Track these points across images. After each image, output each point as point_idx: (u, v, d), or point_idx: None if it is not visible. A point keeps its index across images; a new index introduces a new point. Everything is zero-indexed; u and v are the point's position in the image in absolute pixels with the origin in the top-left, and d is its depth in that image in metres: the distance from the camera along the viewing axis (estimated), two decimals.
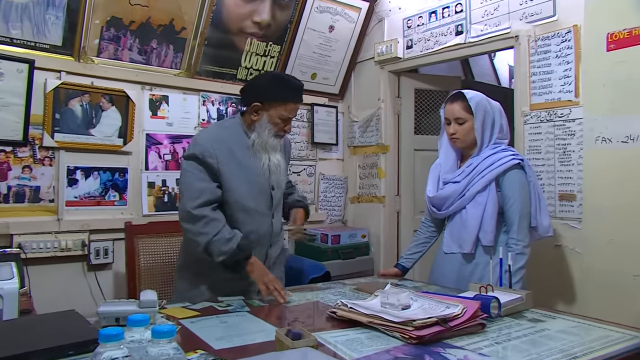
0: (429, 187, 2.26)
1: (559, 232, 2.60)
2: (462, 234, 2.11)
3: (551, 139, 2.66)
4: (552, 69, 2.65)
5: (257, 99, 1.94)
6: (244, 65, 3.35)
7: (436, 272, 2.24)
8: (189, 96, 3.18)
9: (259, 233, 2.01)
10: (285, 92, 1.94)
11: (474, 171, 2.10)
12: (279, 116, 1.94)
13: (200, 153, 1.90)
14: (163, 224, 2.64)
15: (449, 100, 2.16)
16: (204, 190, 1.88)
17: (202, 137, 1.96)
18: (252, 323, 1.58)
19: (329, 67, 3.76)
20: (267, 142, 1.96)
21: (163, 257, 2.53)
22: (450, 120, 2.14)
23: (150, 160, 3.02)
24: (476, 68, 4.62)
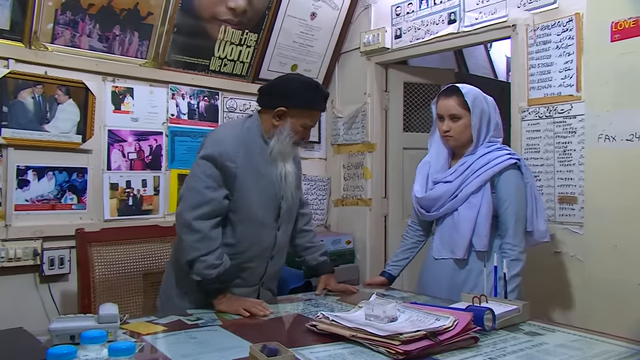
0: (416, 186, 2.26)
1: (558, 238, 2.62)
2: (454, 238, 2.11)
3: (550, 137, 2.68)
4: (552, 61, 2.67)
5: (284, 103, 1.95)
6: (218, 55, 3.32)
7: (425, 280, 2.25)
8: (157, 89, 3.16)
9: (262, 246, 2.03)
10: (315, 100, 1.99)
11: (468, 170, 2.10)
12: (302, 124, 1.98)
13: (220, 154, 1.89)
14: (122, 230, 2.61)
15: (443, 94, 2.16)
16: (211, 200, 1.88)
17: (224, 136, 1.95)
18: (224, 338, 1.56)
19: (311, 58, 3.75)
20: (286, 149, 1.99)
21: (123, 267, 2.50)
22: (443, 117, 2.14)
23: (112, 160, 2.99)
24: (471, 60, 4.65)
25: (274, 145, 1.98)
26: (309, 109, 1.98)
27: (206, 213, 1.87)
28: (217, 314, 1.83)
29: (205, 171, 1.89)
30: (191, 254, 1.86)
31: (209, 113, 3.39)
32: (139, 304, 2.55)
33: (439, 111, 2.15)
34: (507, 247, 2.06)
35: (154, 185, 3.13)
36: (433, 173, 2.21)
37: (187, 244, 1.87)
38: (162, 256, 2.61)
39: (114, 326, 1.47)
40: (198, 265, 1.86)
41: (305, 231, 2.28)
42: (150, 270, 2.58)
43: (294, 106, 1.95)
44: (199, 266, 1.86)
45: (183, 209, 1.89)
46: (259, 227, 2.00)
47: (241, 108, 3.54)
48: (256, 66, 3.53)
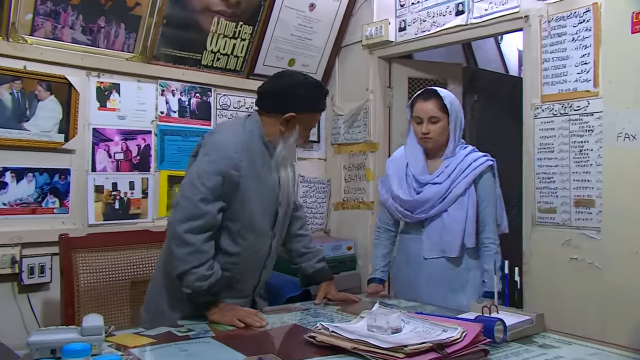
0: (396, 189, 2.37)
1: (574, 244, 2.62)
2: (446, 238, 2.27)
3: (566, 136, 2.68)
4: (568, 55, 2.67)
5: (294, 109, 1.96)
6: (210, 48, 3.32)
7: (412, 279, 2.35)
8: (145, 84, 3.15)
9: (259, 255, 2.05)
10: (321, 101, 2.05)
11: (455, 172, 2.28)
12: (308, 126, 2.04)
13: (223, 161, 1.88)
14: (109, 235, 2.59)
15: (420, 98, 2.32)
16: (205, 214, 1.86)
17: (227, 140, 1.93)
18: (217, 351, 1.56)
19: (310, 52, 3.75)
20: (293, 154, 2.06)
21: (109, 275, 2.48)
22: (422, 119, 2.30)
23: (98, 160, 2.98)
24: (480, 53, 4.65)
25: (281, 151, 2.00)
26: (316, 111, 2.05)
27: (198, 227, 1.85)
28: (209, 325, 1.82)
29: (205, 182, 1.85)
30: (181, 267, 1.85)
31: (201, 110, 3.39)
32: (126, 314, 2.53)
33: (418, 114, 2.32)
34: (488, 241, 2.30)
35: (142, 187, 3.13)
36: (417, 175, 2.34)
37: (177, 256, 1.86)
38: (151, 263, 2.59)
39: (99, 339, 1.46)
40: (189, 277, 1.85)
41: (300, 235, 2.28)
42: (139, 278, 2.56)
43: (303, 111, 1.98)
44: (189, 278, 1.85)
45: (175, 219, 1.87)
46: (257, 236, 2.01)
47: (235, 105, 3.54)
48: (251, 61, 3.53)
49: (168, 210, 3.22)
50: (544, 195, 2.76)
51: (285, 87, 2.00)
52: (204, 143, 1.96)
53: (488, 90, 3.98)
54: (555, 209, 2.71)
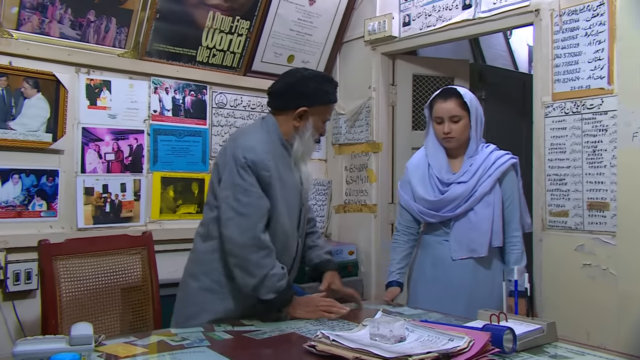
0: (420, 191, 2.44)
1: (588, 249, 2.62)
2: (474, 237, 2.35)
3: (578, 136, 2.68)
4: (580, 50, 2.67)
5: (305, 103, 2.08)
6: (206, 44, 3.33)
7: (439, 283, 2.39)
8: (137, 82, 3.16)
9: (288, 256, 2.16)
10: (333, 93, 2.15)
11: (480, 170, 2.37)
12: (323, 119, 2.14)
13: (255, 163, 1.99)
14: (92, 240, 2.57)
15: (440, 98, 2.41)
16: (267, 209, 2.01)
17: (254, 142, 2.04)
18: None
19: (310, 48, 3.75)
20: (310, 149, 2.15)
21: (95, 282, 2.47)
22: (442, 119, 2.39)
23: (87, 161, 2.98)
24: (488, 49, 4.66)
25: (298, 148, 2.11)
26: (327, 103, 2.14)
27: (265, 225, 2.00)
28: (204, 334, 1.82)
29: (253, 182, 1.98)
30: (258, 273, 1.95)
31: (196, 109, 3.39)
32: (116, 323, 2.52)
33: (438, 114, 2.40)
34: (515, 240, 2.40)
35: (134, 189, 3.14)
36: (441, 174, 2.42)
37: (253, 262, 1.96)
38: (138, 268, 2.60)
39: (88, 348, 1.46)
40: (269, 281, 1.96)
41: (310, 233, 2.38)
42: (128, 285, 2.57)
43: (315, 104, 2.09)
44: (270, 282, 1.96)
45: (244, 227, 1.96)
46: (286, 237, 2.12)
47: (232, 104, 3.55)
48: (248, 57, 3.53)
49: (161, 213, 3.23)
50: (555, 198, 2.76)
51: (294, 82, 2.12)
52: (232, 148, 2.04)
53: (496, 88, 3.99)
54: (567, 212, 2.70)
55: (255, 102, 3.65)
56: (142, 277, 2.59)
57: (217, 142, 3.47)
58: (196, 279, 2.11)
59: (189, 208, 3.36)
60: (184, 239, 3.24)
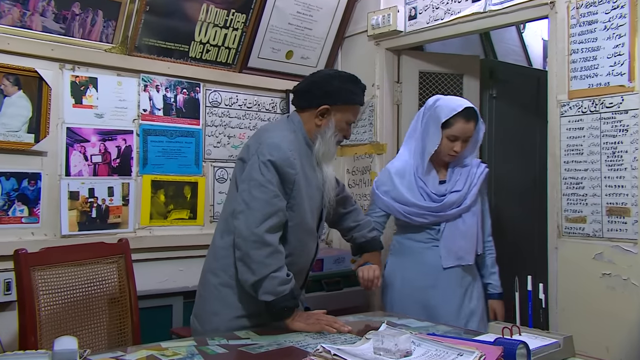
0: (407, 195, 2.60)
1: (607, 258, 2.60)
2: (463, 245, 2.57)
3: (596, 137, 2.67)
4: (599, 45, 2.66)
5: (327, 101, 2.19)
6: (199, 39, 3.32)
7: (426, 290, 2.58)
8: (126, 79, 3.16)
9: (308, 256, 2.30)
10: (357, 94, 2.25)
11: (469, 180, 2.61)
12: (346, 120, 2.23)
13: (282, 160, 2.08)
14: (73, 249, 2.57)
15: (463, 117, 2.53)
16: (279, 211, 2.08)
17: (280, 140, 2.14)
18: None
19: (310, 44, 3.75)
20: (331, 150, 2.23)
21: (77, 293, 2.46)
22: (458, 138, 2.55)
23: (72, 163, 2.98)
24: (500, 44, 4.65)
25: (319, 147, 2.21)
26: (351, 104, 2.23)
27: (275, 225, 2.06)
28: (197, 348, 1.81)
29: (272, 180, 2.07)
30: (260, 272, 2.01)
31: (189, 108, 3.39)
32: (103, 336, 2.52)
33: (457, 133, 2.54)
34: (489, 244, 2.73)
35: (123, 193, 3.13)
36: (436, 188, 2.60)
37: (256, 260, 2.02)
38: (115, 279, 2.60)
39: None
40: (269, 282, 2.01)
41: (347, 213, 2.54)
42: (105, 296, 2.57)
43: (338, 102, 2.19)
44: (270, 284, 2.01)
45: (250, 222, 2.04)
46: (307, 236, 2.23)
47: (227, 102, 3.55)
48: (244, 53, 3.53)
49: (152, 219, 3.23)
50: (571, 203, 2.74)
51: (318, 80, 2.26)
52: (257, 144, 2.14)
53: (509, 86, 3.98)
54: (585, 218, 2.69)
55: (251, 101, 3.65)
56: (119, 288, 2.60)
57: (211, 143, 3.47)
58: (215, 274, 2.21)
59: (181, 213, 3.35)
60: (176, 246, 3.28)
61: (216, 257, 2.23)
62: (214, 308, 2.19)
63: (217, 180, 3.50)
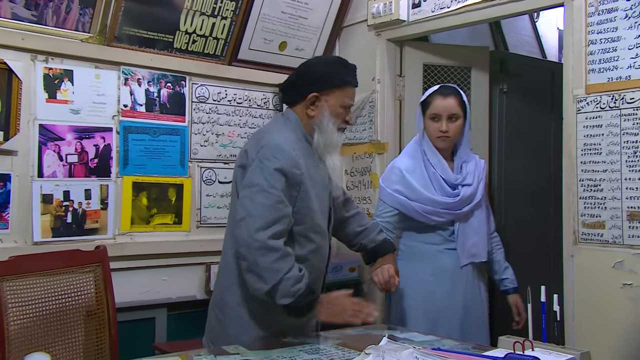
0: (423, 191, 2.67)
1: (628, 266, 2.59)
2: (476, 242, 2.71)
3: (616, 135, 2.66)
4: (619, 35, 2.65)
5: (314, 88, 2.24)
6: (184, 29, 3.31)
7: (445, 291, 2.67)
8: (104, 71, 3.15)
9: (322, 256, 2.34)
10: (345, 74, 2.29)
11: (476, 174, 2.74)
12: (341, 104, 2.26)
13: (287, 162, 2.12)
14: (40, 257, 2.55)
15: (439, 94, 2.69)
16: (284, 218, 2.11)
17: (283, 141, 2.18)
18: None
19: (305, 34, 3.74)
20: (332, 139, 2.26)
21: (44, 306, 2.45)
22: (440, 117, 2.67)
23: (45, 164, 2.97)
24: (512, 35, 4.66)
25: (318, 139, 2.25)
26: (341, 86, 2.26)
27: (280, 232, 2.09)
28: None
29: (275, 184, 2.09)
30: (272, 278, 2.03)
31: (174, 104, 3.38)
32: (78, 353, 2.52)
33: (436, 111, 2.67)
34: (496, 239, 2.92)
35: (101, 196, 3.12)
36: (448, 176, 2.70)
37: (264, 267, 2.04)
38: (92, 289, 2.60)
39: None
40: (284, 285, 2.04)
41: (351, 217, 2.57)
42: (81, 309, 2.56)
43: (326, 87, 2.24)
44: (285, 286, 2.04)
45: (252, 229, 2.05)
46: (319, 237, 2.28)
47: (215, 97, 3.54)
48: (234, 44, 3.52)
49: (133, 224, 3.22)
50: (589, 207, 2.73)
51: (303, 70, 2.32)
52: (255, 148, 2.18)
53: (521, 80, 3.98)
54: (604, 223, 2.68)
55: (241, 96, 3.64)
56: (96, 300, 2.59)
57: (198, 142, 3.46)
58: (232, 292, 2.24)
59: (165, 218, 3.34)
60: (160, 253, 3.28)
61: (232, 273, 2.25)
62: (234, 331, 2.22)
63: (204, 182, 3.49)
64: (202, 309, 3.39)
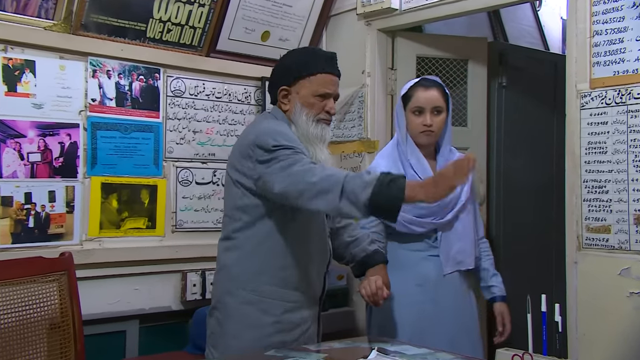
0: None
1: (635, 274, 2.59)
2: (463, 248, 2.68)
3: (622, 132, 2.66)
4: (626, 25, 2.65)
5: (283, 81, 2.33)
6: (158, 16, 3.30)
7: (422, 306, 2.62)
8: (70, 62, 3.13)
9: (326, 261, 2.40)
10: (313, 62, 2.32)
11: None
12: (312, 93, 2.30)
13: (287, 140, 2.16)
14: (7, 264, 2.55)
15: (420, 86, 2.68)
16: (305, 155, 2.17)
17: (275, 126, 2.27)
18: None
19: (289, 23, 3.74)
20: (308, 131, 2.29)
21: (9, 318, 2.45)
22: (423, 110, 2.66)
23: (4, 163, 2.96)
24: (512, 25, 4.67)
25: (296, 133, 2.29)
26: (309, 74, 2.29)
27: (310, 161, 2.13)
28: None
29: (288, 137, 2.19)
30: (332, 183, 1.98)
31: (147, 98, 3.38)
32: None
33: (419, 103, 2.66)
34: (485, 245, 2.85)
35: (67, 199, 3.10)
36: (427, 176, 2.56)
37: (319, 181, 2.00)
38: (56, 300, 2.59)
39: None
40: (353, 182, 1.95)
41: (340, 228, 2.58)
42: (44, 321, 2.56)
43: (292, 78, 2.31)
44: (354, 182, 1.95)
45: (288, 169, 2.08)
46: (321, 238, 2.37)
47: (192, 91, 3.54)
48: (212, 33, 3.51)
49: (102, 228, 3.22)
50: (594, 210, 2.74)
51: (276, 65, 2.41)
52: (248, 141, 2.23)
53: (521, 73, 4.00)
54: (610, 227, 2.69)
55: (221, 90, 3.63)
56: (60, 311, 2.57)
57: (173, 140, 3.44)
58: (233, 294, 2.28)
59: (138, 222, 3.34)
60: (131, 260, 3.27)
61: (230, 277, 2.30)
62: (235, 329, 2.26)
63: (180, 183, 3.48)
64: (178, 321, 3.43)
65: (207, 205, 3.55)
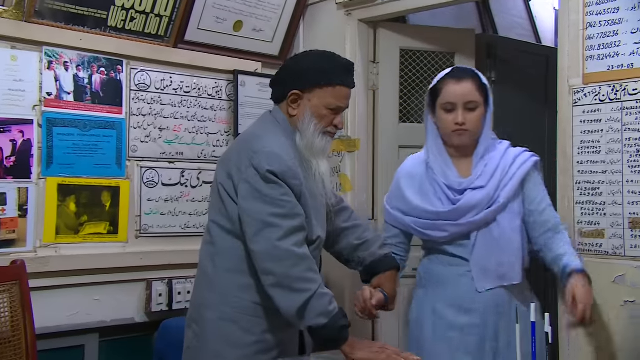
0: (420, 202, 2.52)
1: (630, 281, 2.60)
2: (504, 258, 2.43)
3: (617, 131, 2.67)
4: (621, 17, 2.66)
5: (297, 85, 2.28)
6: (120, 3, 3.29)
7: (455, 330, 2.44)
8: (22, 53, 3.11)
9: None
10: (332, 71, 2.29)
11: (499, 171, 2.46)
12: (325, 105, 2.28)
13: (285, 172, 2.18)
14: None
15: (451, 78, 2.50)
16: (302, 224, 2.19)
17: (278, 148, 2.24)
18: None
19: (263, 12, 3.74)
20: (314, 143, 2.29)
21: None
22: (455, 106, 2.46)
23: None
24: (501, 16, 4.69)
25: (299, 141, 2.30)
26: (327, 85, 2.27)
27: (301, 240, 2.17)
28: None
29: (285, 192, 2.18)
30: (307, 289, 2.08)
31: (108, 92, 3.36)
32: None
33: (450, 99, 2.46)
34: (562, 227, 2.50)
35: (19, 202, 3.08)
36: (448, 179, 2.48)
37: (298, 278, 2.10)
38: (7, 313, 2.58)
39: None
40: (318, 302, 2.08)
41: (348, 229, 2.56)
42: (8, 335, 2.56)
43: (308, 84, 2.27)
44: (320, 303, 2.08)
45: (275, 239, 2.12)
46: (317, 249, 2.36)
47: (158, 85, 3.53)
48: (180, 23, 3.50)
49: (58, 234, 3.19)
50: (586, 213, 2.75)
51: (289, 62, 2.41)
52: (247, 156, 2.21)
53: (511, 67, 4.03)
54: (603, 232, 2.70)
55: (189, 84, 3.63)
56: (11, 325, 2.56)
57: (138, 138, 3.43)
58: (212, 309, 2.28)
59: (98, 227, 3.32)
60: (91, 269, 3.24)
61: (211, 288, 2.30)
62: (215, 348, 2.26)
63: (145, 185, 3.46)
64: (142, 334, 3.42)
65: (175, 209, 3.53)
